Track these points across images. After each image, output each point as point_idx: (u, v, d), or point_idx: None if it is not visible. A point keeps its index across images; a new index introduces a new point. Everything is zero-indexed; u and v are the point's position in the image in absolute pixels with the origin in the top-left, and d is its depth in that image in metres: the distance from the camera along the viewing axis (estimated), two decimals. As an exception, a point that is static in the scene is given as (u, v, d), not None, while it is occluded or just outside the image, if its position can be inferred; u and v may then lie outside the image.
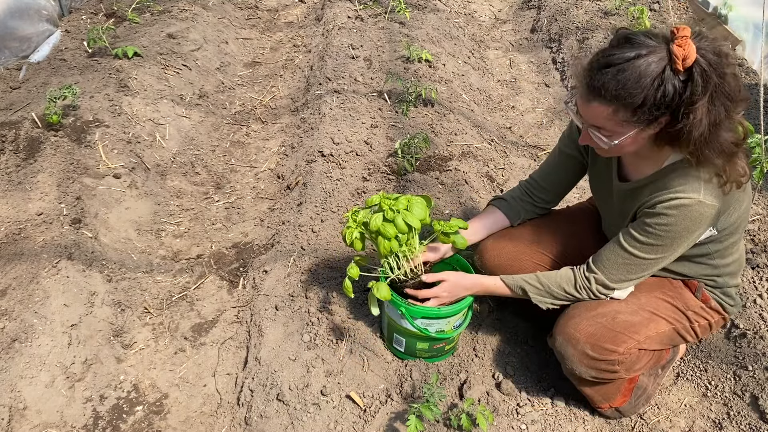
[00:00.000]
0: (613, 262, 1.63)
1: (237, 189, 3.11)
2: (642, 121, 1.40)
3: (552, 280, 1.73)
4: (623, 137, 1.44)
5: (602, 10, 4.42)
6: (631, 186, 1.63)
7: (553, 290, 1.72)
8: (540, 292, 1.74)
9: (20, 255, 2.33)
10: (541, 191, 1.98)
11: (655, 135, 1.45)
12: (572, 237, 1.96)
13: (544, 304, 1.75)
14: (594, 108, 1.43)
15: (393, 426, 1.84)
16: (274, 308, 2.23)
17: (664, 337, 1.71)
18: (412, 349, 1.99)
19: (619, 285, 1.66)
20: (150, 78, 3.54)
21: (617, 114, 1.40)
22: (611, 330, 1.64)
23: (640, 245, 1.57)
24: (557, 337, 1.71)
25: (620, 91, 1.36)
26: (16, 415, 1.86)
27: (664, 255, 1.58)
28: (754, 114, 2.93)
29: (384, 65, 3.73)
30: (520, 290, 1.76)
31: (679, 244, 1.54)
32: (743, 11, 3.83)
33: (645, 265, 1.61)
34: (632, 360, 1.67)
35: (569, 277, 1.72)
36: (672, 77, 1.33)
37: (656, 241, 1.54)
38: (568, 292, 1.71)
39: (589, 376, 1.70)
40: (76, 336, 2.10)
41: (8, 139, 2.89)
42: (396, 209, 1.76)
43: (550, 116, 3.66)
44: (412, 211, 1.77)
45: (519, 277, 1.77)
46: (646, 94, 1.34)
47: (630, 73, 1.34)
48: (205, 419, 1.99)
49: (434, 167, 2.92)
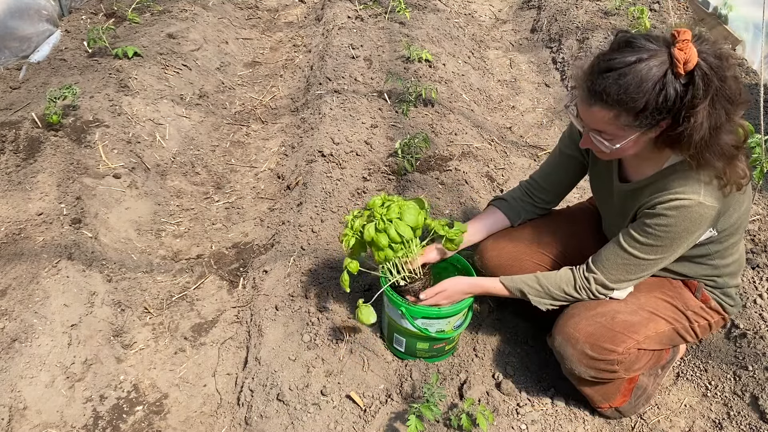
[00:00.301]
0: (612, 262, 1.64)
1: (237, 189, 3.11)
2: (644, 125, 1.40)
3: (551, 282, 1.73)
4: (624, 141, 1.44)
5: (602, 10, 4.42)
6: (631, 187, 1.63)
7: (553, 291, 1.72)
8: (539, 293, 1.74)
9: (20, 255, 2.33)
10: (541, 191, 1.98)
11: (656, 138, 1.45)
12: (572, 237, 1.96)
13: (543, 306, 1.75)
14: (595, 112, 1.43)
15: (393, 426, 1.84)
16: (274, 308, 2.23)
17: (664, 337, 1.71)
18: (412, 349, 1.99)
19: (618, 285, 1.66)
20: (150, 78, 3.54)
21: (619, 118, 1.40)
22: (610, 330, 1.64)
23: (640, 246, 1.57)
24: (556, 336, 1.72)
25: (622, 95, 1.35)
26: (16, 415, 1.86)
27: (663, 256, 1.58)
28: (754, 114, 2.93)
29: (384, 65, 3.73)
30: (519, 292, 1.77)
31: (678, 245, 1.55)
32: (743, 11, 3.83)
33: (644, 266, 1.61)
34: (631, 360, 1.67)
35: (569, 278, 1.72)
36: (673, 81, 1.33)
37: (656, 241, 1.54)
38: (567, 293, 1.71)
39: (588, 376, 1.70)
40: (76, 336, 2.10)
41: (8, 139, 2.89)
42: (388, 218, 1.76)
43: (550, 116, 3.66)
44: (404, 218, 1.77)
45: (518, 279, 1.78)
46: (648, 98, 1.34)
47: (632, 77, 1.34)
48: (205, 419, 1.99)
49: (434, 167, 2.92)
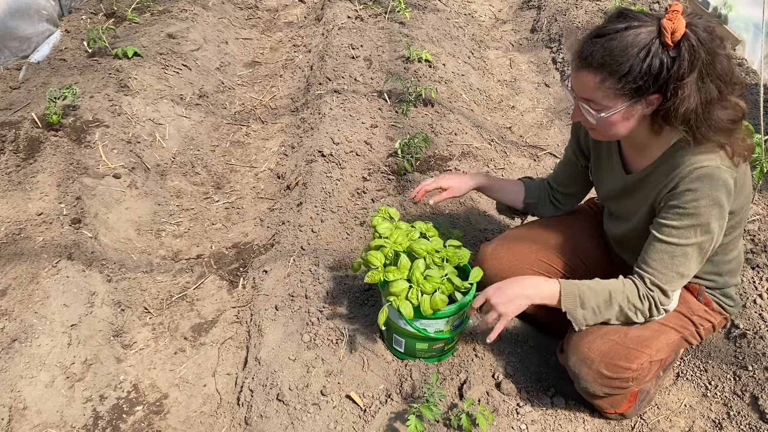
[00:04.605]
0: (658, 261, 1.52)
1: (237, 189, 3.11)
2: (628, 92, 1.39)
3: (615, 288, 1.58)
4: (611, 111, 1.43)
5: (602, 10, 4.42)
6: (639, 176, 1.61)
7: (617, 299, 1.57)
8: (602, 301, 1.59)
9: (20, 255, 2.33)
10: (555, 192, 2.02)
11: (651, 119, 1.44)
12: (572, 243, 1.96)
13: (593, 320, 1.61)
14: (582, 77, 1.43)
15: (393, 426, 1.84)
16: (274, 308, 2.23)
17: (674, 346, 1.70)
18: (411, 350, 1.99)
19: (672, 286, 1.54)
20: (150, 78, 3.54)
21: (604, 83, 1.40)
22: (624, 347, 1.62)
23: (678, 231, 1.47)
24: (571, 356, 1.68)
25: (606, 58, 1.36)
26: (16, 415, 1.86)
27: (704, 238, 1.47)
28: (754, 114, 2.93)
29: (384, 65, 3.73)
30: (575, 297, 1.60)
31: (714, 219, 1.45)
32: (743, 11, 3.83)
33: (689, 254, 1.49)
34: (644, 373, 1.67)
35: (631, 286, 1.57)
36: (660, 51, 1.33)
37: (691, 221, 1.45)
38: (631, 301, 1.57)
39: (602, 393, 1.69)
40: (76, 336, 2.10)
41: (8, 139, 2.88)
42: (423, 291, 1.78)
43: (550, 116, 3.66)
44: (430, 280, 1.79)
45: (579, 282, 1.63)
46: (632, 63, 1.34)
47: (618, 42, 1.35)
48: (205, 419, 1.99)
49: (434, 167, 2.92)
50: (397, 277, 1.78)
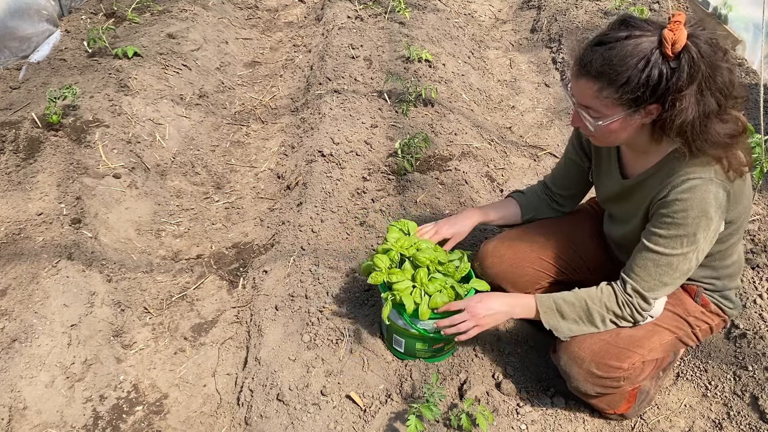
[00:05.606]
0: (643, 267, 1.55)
1: (237, 189, 3.11)
2: (626, 102, 1.38)
3: (592, 296, 1.62)
4: (609, 120, 1.43)
5: (602, 10, 4.42)
6: (635, 180, 1.61)
7: (593, 308, 1.62)
8: (577, 311, 1.64)
9: (20, 255, 2.33)
10: (554, 194, 2.01)
11: (651, 128, 1.44)
12: (573, 242, 1.96)
13: (571, 333, 1.66)
14: (581, 84, 1.43)
15: (393, 426, 1.84)
16: (274, 308, 2.23)
17: (668, 346, 1.70)
18: (411, 350, 1.99)
19: (654, 294, 1.57)
20: (150, 78, 3.54)
21: (602, 92, 1.40)
22: (615, 346, 1.62)
23: (664, 240, 1.49)
24: (562, 356, 1.70)
25: (605, 67, 1.36)
26: (16, 415, 1.86)
27: (690, 249, 1.48)
28: (754, 114, 2.93)
29: (384, 65, 3.73)
30: (551, 311, 1.67)
31: (701, 231, 1.45)
32: (743, 11, 3.83)
33: (675, 264, 1.51)
34: (636, 373, 1.67)
35: (610, 293, 1.61)
36: (660, 62, 1.32)
37: (678, 231, 1.46)
38: (609, 308, 1.60)
39: (594, 392, 1.70)
40: (76, 336, 2.09)
41: (8, 139, 2.88)
42: (426, 292, 1.81)
43: (550, 116, 3.66)
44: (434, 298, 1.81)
45: (555, 295, 1.69)
46: (631, 73, 1.34)
47: (618, 51, 1.35)
48: (205, 419, 1.99)
49: (434, 167, 2.92)
50: (401, 279, 1.82)
